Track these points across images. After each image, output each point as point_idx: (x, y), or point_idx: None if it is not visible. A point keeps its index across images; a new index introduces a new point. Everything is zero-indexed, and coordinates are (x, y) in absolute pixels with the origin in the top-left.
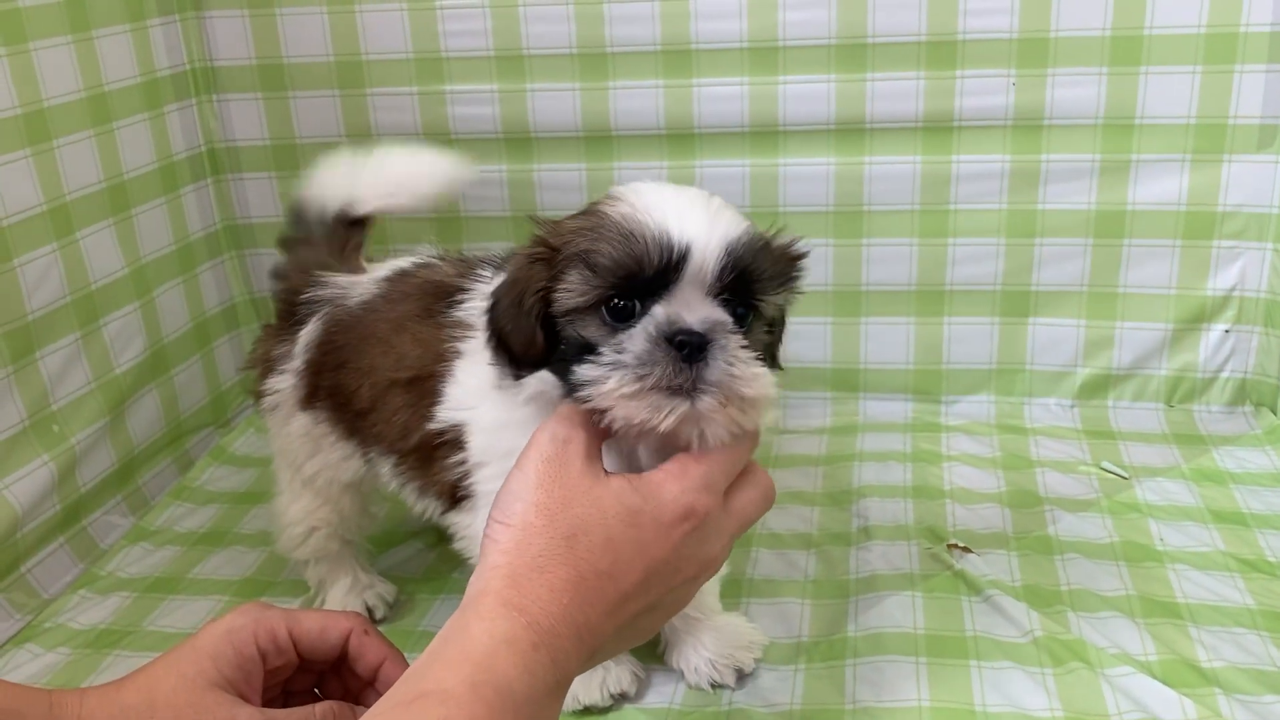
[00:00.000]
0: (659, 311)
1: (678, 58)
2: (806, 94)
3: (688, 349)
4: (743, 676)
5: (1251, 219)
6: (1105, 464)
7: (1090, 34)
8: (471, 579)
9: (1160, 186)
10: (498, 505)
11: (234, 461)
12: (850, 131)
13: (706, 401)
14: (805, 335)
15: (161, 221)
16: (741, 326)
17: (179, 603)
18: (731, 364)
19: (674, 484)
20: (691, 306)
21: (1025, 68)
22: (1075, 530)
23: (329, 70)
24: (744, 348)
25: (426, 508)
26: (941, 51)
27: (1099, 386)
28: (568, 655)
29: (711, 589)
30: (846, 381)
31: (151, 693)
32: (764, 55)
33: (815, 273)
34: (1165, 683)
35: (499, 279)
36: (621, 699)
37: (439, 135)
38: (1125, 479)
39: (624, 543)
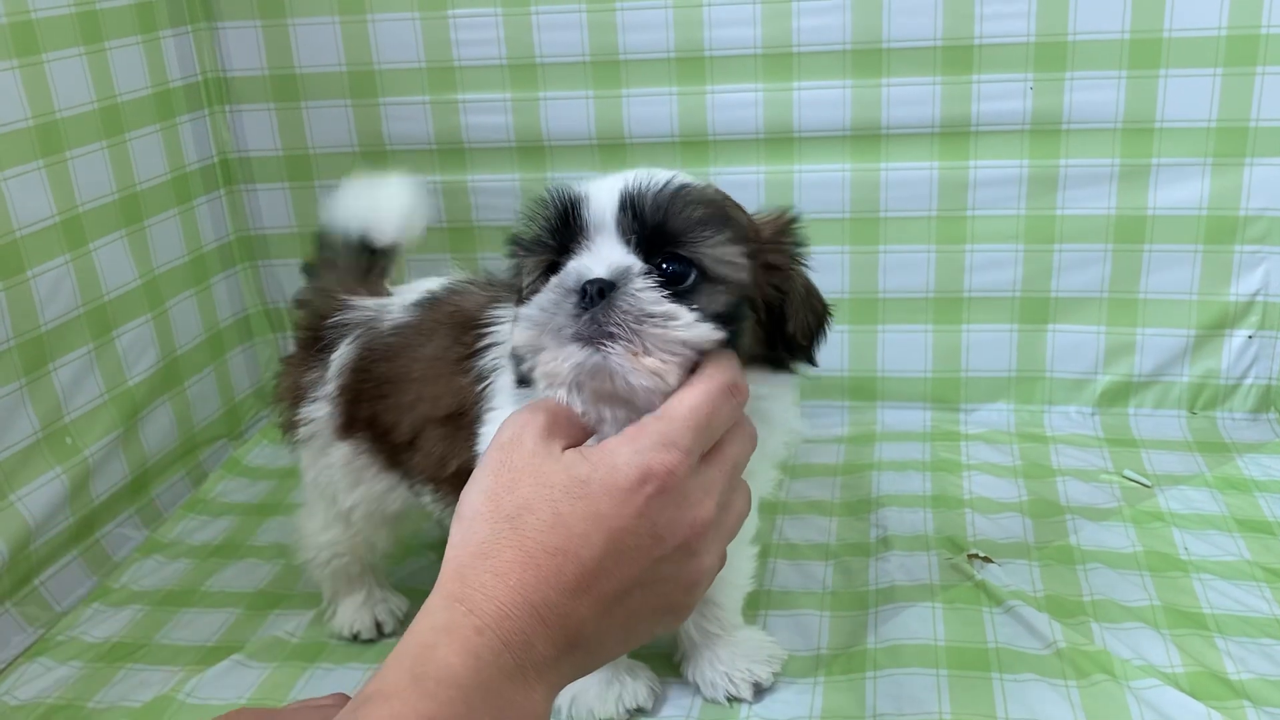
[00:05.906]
0: (569, 265)
1: (691, 65)
2: (821, 100)
3: (588, 296)
4: (761, 690)
5: (1274, 223)
6: (1127, 472)
7: (1109, 37)
8: None
9: (1181, 191)
10: (459, 501)
11: (248, 474)
12: (866, 137)
13: (616, 350)
14: None
15: (174, 232)
16: (682, 284)
17: (192, 616)
18: (635, 305)
19: (626, 446)
20: (602, 257)
21: (1043, 71)
22: (1098, 540)
23: (341, 80)
24: (654, 289)
25: None
26: (958, 56)
27: (1120, 394)
28: (528, 637)
29: (732, 603)
30: (864, 390)
31: None
32: (778, 61)
33: (831, 280)
34: (1192, 695)
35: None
36: (638, 713)
37: (452, 144)
38: (1148, 487)
39: (573, 516)
